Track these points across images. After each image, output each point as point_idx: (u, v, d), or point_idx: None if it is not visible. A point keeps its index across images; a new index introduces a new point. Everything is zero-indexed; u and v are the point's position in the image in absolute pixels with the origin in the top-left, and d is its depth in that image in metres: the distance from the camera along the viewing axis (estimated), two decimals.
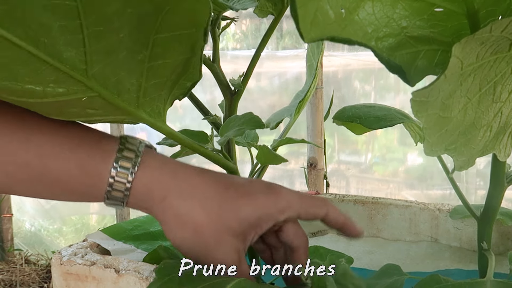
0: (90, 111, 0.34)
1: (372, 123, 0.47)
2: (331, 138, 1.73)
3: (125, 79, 0.33)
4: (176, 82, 0.36)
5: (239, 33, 1.99)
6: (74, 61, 0.30)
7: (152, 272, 0.40)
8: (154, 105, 0.36)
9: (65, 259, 0.44)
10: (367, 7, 0.31)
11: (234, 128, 0.41)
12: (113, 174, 0.35)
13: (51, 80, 0.30)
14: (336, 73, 1.69)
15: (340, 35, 0.30)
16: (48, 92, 0.30)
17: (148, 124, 0.37)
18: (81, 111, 0.34)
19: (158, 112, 0.37)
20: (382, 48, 0.33)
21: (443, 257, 0.57)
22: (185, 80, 0.36)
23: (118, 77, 0.32)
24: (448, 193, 1.58)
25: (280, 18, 0.43)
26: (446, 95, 0.31)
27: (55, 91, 0.31)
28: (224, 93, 0.46)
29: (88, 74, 0.31)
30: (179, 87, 0.36)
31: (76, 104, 0.33)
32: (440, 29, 0.34)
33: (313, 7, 0.27)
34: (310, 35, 0.27)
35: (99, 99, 0.33)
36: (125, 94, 0.34)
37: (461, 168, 0.37)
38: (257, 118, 0.41)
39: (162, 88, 0.36)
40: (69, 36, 0.29)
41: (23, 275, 1.71)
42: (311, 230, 0.66)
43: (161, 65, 0.34)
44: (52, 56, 0.29)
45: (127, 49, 0.31)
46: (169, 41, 0.32)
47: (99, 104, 0.33)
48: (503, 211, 0.55)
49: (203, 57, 0.44)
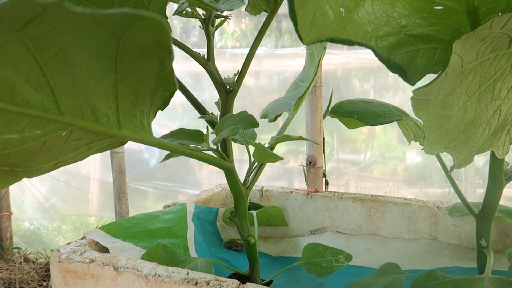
0: (73, 143, 0.34)
1: (369, 119, 0.47)
2: (330, 137, 1.73)
3: (100, 105, 0.33)
4: (153, 95, 0.36)
5: (238, 32, 1.99)
6: (44, 103, 0.30)
7: (151, 270, 0.40)
8: (136, 121, 0.36)
9: (63, 256, 0.44)
10: (367, 6, 0.31)
11: (229, 128, 0.40)
12: None
13: (25, 125, 0.30)
14: (335, 71, 1.69)
15: (340, 35, 0.30)
16: (26, 137, 0.30)
17: (135, 141, 0.37)
18: (65, 147, 0.34)
19: (142, 126, 0.37)
20: (382, 47, 0.33)
21: (442, 254, 0.57)
22: (162, 91, 0.36)
23: (92, 105, 0.32)
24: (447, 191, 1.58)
25: (274, 15, 0.43)
26: (446, 93, 0.31)
27: (33, 134, 0.31)
28: (220, 92, 0.45)
29: (61, 111, 0.31)
30: (158, 98, 0.36)
31: (58, 141, 0.33)
32: (440, 27, 0.34)
33: (312, 7, 0.27)
34: (309, 36, 0.27)
35: (78, 130, 0.33)
36: (103, 118, 0.34)
37: (460, 166, 0.37)
38: (252, 117, 0.41)
39: (141, 104, 0.36)
40: (33, 82, 0.29)
41: (22, 274, 1.71)
42: (310, 227, 0.66)
43: (133, 82, 0.33)
44: (20, 105, 0.29)
45: (93, 78, 0.31)
46: (136, 60, 0.32)
47: (80, 135, 0.33)
48: (501, 209, 0.55)
49: (198, 56, 0.44)
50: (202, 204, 0.65)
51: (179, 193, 1.87)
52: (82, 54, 0.29)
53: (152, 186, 1.93)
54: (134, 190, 1.90)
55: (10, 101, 0.28)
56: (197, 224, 0.59)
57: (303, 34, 0.26)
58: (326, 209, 0.65)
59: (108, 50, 0.30)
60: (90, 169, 2.08)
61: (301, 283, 0.51)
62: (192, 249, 0.54)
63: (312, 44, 0.29)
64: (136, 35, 0.30)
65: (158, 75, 0.34)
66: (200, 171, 1.93)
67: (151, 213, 0.57)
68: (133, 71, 0.33)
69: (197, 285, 0.38)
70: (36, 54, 0.27)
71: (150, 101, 0.36)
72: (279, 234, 0.67)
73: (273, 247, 0.63)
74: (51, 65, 0.28)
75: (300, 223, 0.66)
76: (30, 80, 0.29)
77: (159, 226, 0.54)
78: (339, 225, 0.65)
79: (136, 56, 0.31)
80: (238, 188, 0.46)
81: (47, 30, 0.26)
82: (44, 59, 0.28)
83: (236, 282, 0.38)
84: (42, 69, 0.28)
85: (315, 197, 0.65)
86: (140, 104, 0.35)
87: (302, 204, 0.66)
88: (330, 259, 0.47)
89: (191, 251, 0.54)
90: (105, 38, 0.29)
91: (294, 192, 0.67)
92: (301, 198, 0.66)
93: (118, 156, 1.59)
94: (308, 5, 0.26)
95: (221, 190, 0.70)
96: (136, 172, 1.95)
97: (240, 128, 0.40)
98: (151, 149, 1.93)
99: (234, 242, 0.63)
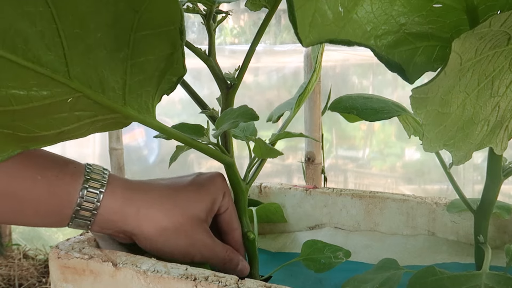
0: (77, 113, 0.34)
1: (369, 114, 0.47)
2: (329, 133, 1.73)
3: (108, 78, 0.33)
4: (161, 77, 0.36)
5: (237, 28, 1.98)
6: (55, 64, 0.30)
7: (150, 266, 0.40)
8: (141, 101, 0.36)
9: (62, 252, 0.44)
10: (366, 5, 0.31)
11: (229, 121, 0.41)
12: (83, 194, 0.38)
13: (34, 83, 0.30)
14: (334, 68, 1.69)
15: (339, 35, 0.30)
16: (32, 96, 0.31)
17: (138, 121, 0.37)
18: (69, 115, 0.34)
19: (146, 108, 0.37)
20: (381, 46, 0.33)
21: (440, 250, 0.57)
22: (170, 75, 0.36)
23: (101, 76, 0.33)
24: (446, 187, 1.58)
25: (274, 11, 0.42)
26: (445, 91, 0.31)
27: (39, 94, 0.31)
28: (221, 87, 0.46)
29: (71, 75, 0.31)
30: (165, 82, 0.37)
31: (63, 107, 0.33)
32: (439, 25, 0.34)
33: (311, 8, 0.27)
34: (308, 38, 0.27)
35: (85, 98, 0.33)
36: (110, 92, 0.34)
37: (459, 163, 0.37)
38: (252, 111, 0.41)
39: (148, 84, 0.36)
40: (47, 41, 0.29)
41: (21, 270, 1.71)
42: (308, 224, 0.66)
43: (144, 61, 0.34)
44: (32, 61, 0.29)
45: (106, 49, 0.31)
46: (149, 39, 0.32)
47: (85, 105, 0.33)
48: (499, 205, 0.56)
49: (199, 51, 0.44)
50: None
51: None
52: (98, 21, 0.29)
53: None
54: None
55: (22, 55, 0.28)
56: None
57: (302, 36, 0.26)
58: (325, 205, 0.65)
59: (124, 23, 0.31)
60: None
61: (300, 279, 0.52)
62: None
63: (312, 45, 0.29)
64: (153, 13, 0.30)
65: (168, 57, 0.34)
66: (199, 168, 1.93)
67: None
68: (145, 49, 0.33)
69: (195, 280, 0.38)
70: (55, 12, 0.28)
71: (157, 83, 0.36)
72: (277, 230, 0.68)
73: (272, 243, 0.63)
74: (67, 26, 0.29)
75: (299, 220, 0.67)
76: (45, 38, 0.29)
77: None
78: (338, 221, 0.65)
79: (150, 34, 0.32)
80: (238, 184, 0.47)
81: None
82: (61, 18, 0.28)
83: (235, 277, 0.38)
84: (58, 29, 0.29)
85: (313, 194, 0.66)
86: (147, 84, 0.36)
87: (301, 200, 0.66)
88: (329, 256, 0.48)
89: None
90: (123, 9, 0.29)
91: (292, 189, 0.67)
92: (300, 195, 0.66)
93: (117, 152, 1.59)
94: (307, 6, 0.26)
95: None
96: (135, 169, 1.95)
97: (241, 121, 0.40)
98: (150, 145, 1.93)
99: None
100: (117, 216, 0.40)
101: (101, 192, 0.39)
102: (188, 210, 0.42)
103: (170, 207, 0.41)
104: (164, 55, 0.34)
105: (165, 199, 0.41)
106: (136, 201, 0.40)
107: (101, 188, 0.39)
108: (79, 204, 0.38)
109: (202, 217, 0.43)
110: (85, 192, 0.38)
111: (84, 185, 0.38)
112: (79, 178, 0.38)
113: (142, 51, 0.33)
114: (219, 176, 0.46)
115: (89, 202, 0.39)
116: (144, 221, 0.40)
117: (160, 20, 0.31)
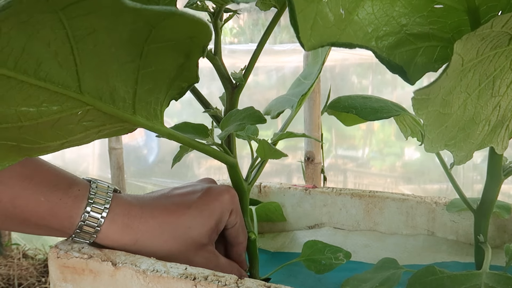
0: (85, 124, 0.34)
1: (368, 114, 0.47)
2: (328, 133, 1.73)
3: (119, 89, 0.33)
4: (171, 84, 0.36)
5: (237, 28, 1.98)
6: (66, 81, 0.30)
7: (149, 265, 0.40)
8: (150, 109, 0.36)
9: (62, 252, 0.44)
10: (367, 7, 0.31)
11: (235, 123, 0.40)
12: (84, 218, 0.39)
13: (44, 100, 0.30)
14: (334, 67, 1.69)
15: (340, 38, 0.30)
16: (42, 112, 0.31)
17: (146, 128, 0.37)
18: (76, 126, 0.34)
19: (155, 114, 0.37)
20: (382, 47, 0.33)
21: (440, 250, 0.57)
22: (180, 81, 0.36)
23: (112, 88, 0.33)
24: (445, 187, 1.58)
25: (283, 11, 0.42)
26: (446, 91, 0.31)
27: (49, 109, 0.31)
28: (226, 86, 0.45)
29: (82, 90, 0.31)
30: (174, 88, 0.36)
31: (72, 119, 0.33)
32: (440, 25, 0.34)
33: (313, 12, 0.27)
34: (310, 41, 0.27)
35: (94, 111, 0.33)
36: (120, 102, 0.34)
37: (460, 163, 0.37)
38: (259, 113, 0.41)
39: (158, 92, 0.36)
40: (60, 59, 0.29)
41: (20, 270, 1.71)
42: (308, 223, 0.66)
43: (155, 71, 0.34)
44: (44, 80, 0.29)
45: (119, 61, 0.31)
46: (163, 50, 0.32)
47: (94, 116, 0.34)
48: (499, 204, 0.56)
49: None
50: None
51: None
52: (114, 38, 0.29)
53: (151, 182, 1.93)
54: (133, 186, 1.90)
55: (34, 75, 0.28)
56: None
57: (304, 40, 0.26)
58: (324, 204, 0.65)
59: (139, 37, 0.30)
60: (88, 166, 2.07)
61: (299, 279, 0.52)
62: None
63: (313, 49, 0.29)
64: (170, 29, 0.30)
65: (180, 66, 0.34)
66: (198, 167, 1.93)
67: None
68: (157, 59, 0.33)
69: (195, 280, 0.38)
70: (70, 33, 0.28)
71: (167, 90, 0.36)
72: (277, 230, 0.68)
73: (271, 242, 0.63)
74: (81, 44, 0.29)
75: (298, 219, 0.67)
76: (58, 57, 0.29)
77: None
78: (337, 221, 0.65)
79: (164, 46, 0.32)
80: (241, 184, 0.47)
81: (87, 13, 0.26)
82: (76, 38, 0.28)
83: (234, 277, 0.38)
84: (72, 48, 0.28)
85: (313, 193, 0.66)
86: (157, 92, 0.36)
87: (300, 200, 0.66)
88: (329, 257, 0.48)
89: None
90: (140, 26, 0.29)
91: (292, 188, 0.67)
92: (299, 194, 0.66)
93: (116, 152, 1.58)
94: (308, 10, 0.26)
95: None
96: (135, 168, 1.95)
97: (247, 124, 0.40)
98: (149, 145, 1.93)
99: None
100: (115, 243, 0.41)
101: (103, 217, 0.40)
102: (188, 237, 0.42)
103: (169, 237, 0.41)
104: (176, 65, 0.34)
105: (165, 226, 0.41)
106: (136, 230, 0.41)
107: (103, 213, 0.40)
108: (80, 227, 0.40)
109: (204, 241, 0.43)
110: (86, 216, 0.39)
111: (86, 209, 0.39)
112: (82, 202, 0.39)
113: (154, 61, 0.33)
114: (228, 192, 0.45)
115: (90, 227, 0.40)
116: (141, 250, 0.41)
117: (177, 35, 0.31)
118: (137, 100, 0.35)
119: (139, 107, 0.35)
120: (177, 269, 0.40)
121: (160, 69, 0.34)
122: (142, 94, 0.35)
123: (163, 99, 0.37)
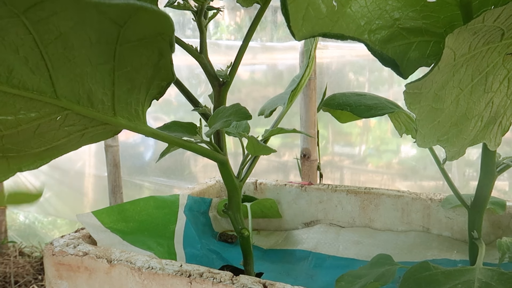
0: (67, 128, 0.34)
1: (362, 111, 0.47)
2: (325, 130, 1.73)
3: (96, 91, 0.33)
4: (150, 83, 0.36)
5: (233, 25, 1.98)
6: (41, 86, 0.30)
7: (144, 263, 0.40)
8: (131, 109, 0.36)
9: (57, 249, 0.44)
10: (360, 0, 0.31)
11: (222, 120, 0.40)
12: None
13: (21, 107, 0.30)
14: (330, 64, 1.68)
15: (332, 29, 0.30)
16: (21, 120, 0.30)
17: (129, 129, 0.37)
18: (58, 132, 0.34)
19: (136, 115, 0.37)
20: (375, 41, 0.33)
21: (431, 246, 0.57)
22: (159, 80, 0.36)
23: (89, 91, 0.32)
24: (441, 184, 1.59)
25: (266, 7, 0.42)
26: (439, 86, 0.31)
27: (28, 116, 0.31)
28: (213, 84, 0.45)
29: (58, 94, 0.31)
30: (154, 87, 0.36)
31: (52, 125, 0.33)
32: (433, 20, 0.34)
33: (305, 2, 0.27)
34: (301, 32, 0.27)
35: (73, 114, 0.33)
36: (99, 105, 0.34)
37: (452, 158, 0.38)
38: (244, 110, 0.40)
39: (137, 92, 0.36)
40: (31, 65, 0.29)
41: (17, 267, 1.71)
42: (304, 220, 0.66)
43: (131, 71, 0.34)
44: (18, 87, 0.29)
45: (92, 63, 0.31)
46: (135, 49, 0.32)
47: (74, 120, 0.33)
48: (494, 201, 0.56)
49: (190, 48, 0.44)
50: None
51: (174, 186, 1.87)
52: (82, 39, 0.29)
53: (148, 180, 1.93)
54: (129, 184, 1.90)
55: (7, 82, 0.28)
56: (189, 216, 0.59)
57: (295, 30, 0.26)
58: (320, 201, 0.65)
59: (108, 37, 0.30)
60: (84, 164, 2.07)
61: (291, 276, 0.52)
62: (179, 245, 0.54)
63: (304, 39, 0.28)
64: (138, 26, 0.30)
65: (156, 64, 0.34)
66: (195, 165, 1.93)
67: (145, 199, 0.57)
68: (131, 59, 0.33)
69: (190, 277, 0.38)
70: (36, 37, 0.27)
71: (146, 90, 0.36)
72: (273, 227, 0.68)
73: (265, 240, 0.64)
74: (50, 48, 0.28)
75: (294, 216, 0.67)
76: (28, 63, 0.28)
77: (148, 220, 0.54)
78: (333, 218, 0.65)
79: (136, 45, 0.32)
80: (232, 181, 0.46)
81: (50, 15, 0.26)
82: (44, 42, 0.28)
83: (229, 274, 0.38)
84: (41, 52, 0.28)
85: (309, 190, 0.66)
86: (136, 92, 0.35)
87: (296, 196, 0.66)
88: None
89: (177, 248, 0.54)
90: (107, 25, 0.29)
91: (288, 185, 0.67)
92: (295, 191, 0.66)
93: (112, 149, 1.58)
94: (300, 0, 0.26)
95: (215, 183, 0.70)
96: (131, 166, 1.95)
97: (233, 120, 0.40)
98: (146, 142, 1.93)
99: (227, 234, 0.63)
100: None
101: None
102: None
103: None
104: (152, 63, 0.34)
105: None
106: None
107: None
108: None
109: None
110: None
111: None
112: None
113: (129, 61, 0.33)
114: None
115: None
116: None
117: (146, 32, 0.31)
118: (117, 101, 0.34)
119: (120, 108, 0.35)
120: (172, 266, 0.40)
121: (136, 69, 0.33)
122: (121, 95, 0.34)
123: (144, 99, 0.36)
